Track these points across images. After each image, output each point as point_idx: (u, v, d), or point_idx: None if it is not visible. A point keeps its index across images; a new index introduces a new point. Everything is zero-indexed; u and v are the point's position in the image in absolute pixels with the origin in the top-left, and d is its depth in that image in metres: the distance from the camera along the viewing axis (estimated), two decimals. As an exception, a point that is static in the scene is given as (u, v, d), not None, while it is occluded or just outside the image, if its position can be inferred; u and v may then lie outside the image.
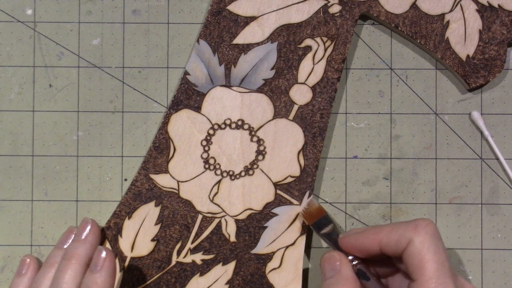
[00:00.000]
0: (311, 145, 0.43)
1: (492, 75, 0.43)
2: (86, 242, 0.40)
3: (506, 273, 0.44)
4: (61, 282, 0.38)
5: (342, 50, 0.43)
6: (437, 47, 0.43)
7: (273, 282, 0.42)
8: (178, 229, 0.43)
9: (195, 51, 0.43)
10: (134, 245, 0.43)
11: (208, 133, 0.43)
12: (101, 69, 0.45)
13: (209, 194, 0.43)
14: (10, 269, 0.44)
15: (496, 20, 0.43)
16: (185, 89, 0.43)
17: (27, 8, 0.45)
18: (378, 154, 0.44)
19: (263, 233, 0.43)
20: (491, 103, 0.44)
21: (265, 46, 0.43)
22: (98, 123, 0.44)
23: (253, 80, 0.43)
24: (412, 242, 0.35)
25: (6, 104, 0.44)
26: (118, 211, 0.43)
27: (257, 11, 0.43)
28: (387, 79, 0.45)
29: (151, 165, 0.43)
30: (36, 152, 0.44)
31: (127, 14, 0.45)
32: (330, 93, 0.43)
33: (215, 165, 0.43)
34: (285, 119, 0.43)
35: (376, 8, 0.43)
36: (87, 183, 0.44)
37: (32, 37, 0.45)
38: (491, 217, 0.44)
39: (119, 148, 0.44)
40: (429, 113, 0.44)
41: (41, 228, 0.44)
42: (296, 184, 0.43)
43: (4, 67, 0.44)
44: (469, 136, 0.44)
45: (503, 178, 0.44)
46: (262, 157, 0.43)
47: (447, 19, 0.43)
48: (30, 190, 0.44)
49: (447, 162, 0.44)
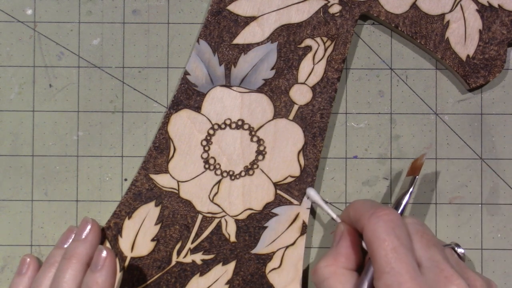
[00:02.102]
0: (311, 145, 0.43)
1: (492, 75, 0.43)
2: (87, 242, 0.40)
3: (506, 273, 0.44)
4: (62, 282, 0.38)
5: (342, 50, 0.43)
6: (437, 47, 0.43)
7: (273, 282, 0.42)
8: (178, 229, 0.43)
9: (195, 51, 0.43)
10: (134, 245, 0.43)
11: (208, 133, 0.43)
12: (101, 69, 0.45)
13: (209, 194, 0.43)
14: (10, 269, 0.44)
15: (496, 20, 0.43)
16: (185, 89, 0.43)
17: (27, 8, 0.45)
18: (378, 154, 0.44)
19: (263, 233, 0.43)
20: (491, 103, 0.44)
21: (265, 46, 0.43)
22: (98, 123, 0.44)
23: (253, 80, 0.43)
24: (365, 229, 0.35)
25: (6, 104, 0.44)
26: (118, 211, 0.43)
27: (257, 11, 0.43)
28: (387, 79, 0.45)
29: (151, 165, 0.43)
30: (36, 152, 0.44)
31: (127, 14, 0.45)
32: (330, 93, 0.43)
33: (215, 165, 0.43)
34: (285, 119, 0.43)
35: (376, 8, 0.43)
36: (87, 183, 0.44)
37: (32, 37, 0.45)
38: (491, 217, 0.44)
39: (119, 148, 0.44)
40: (429, 113, 0.44)
41: (41, 228, 0.44)
42: (296, 184, 0.43)
43: (4, 67, 0.44)
44: (469, 136, 0.44)
45: (503, 178, 0.44)
46: (262, 157, 0.43)
47: (447, 19, 0.43)
48: (30, 190, 0.44)
49: (447, 162, 0.44)
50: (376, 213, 0.35)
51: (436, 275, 0.34)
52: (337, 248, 0.37)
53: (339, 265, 0.36)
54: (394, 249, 0.33)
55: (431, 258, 0.35)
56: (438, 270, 0.34)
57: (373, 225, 0.34)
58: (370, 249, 0.34)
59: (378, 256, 0.34)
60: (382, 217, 0.35)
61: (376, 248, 0.34)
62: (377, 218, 0.35)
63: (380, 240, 0.34)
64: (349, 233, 0.38)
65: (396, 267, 0.33)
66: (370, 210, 0.35)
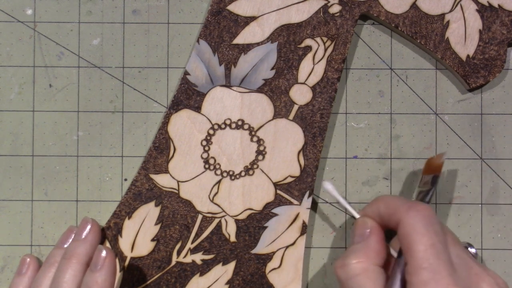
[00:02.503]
0: (311, 145, 0.43)
1: (492, 75, 0.43)
2: (86, 242, 0.40)
3: (506, 273, 0.44)
4: (62, 282, 0.38)
5: (342, 50, 0.43)
6: (437, 47, 0.43)
7: (273, 282, 0.42)
8: (178, 229, 0.43)
9: (195, 51, 0.43)
10: (134, 245, 0.43)
11: (208, 133, 0.43)
12: (101, 69, 0.45)
13: (209, 194, 0.43)
14: (10, 269, 0.44)
15: (496, 20, 0.43)
16: (185, 89, 0.43)
17: (27, 8, 0.45)
18: (378, 154, 0.44)
19: (263, 233, 0.43)
20: (491, 103, 0.44)
21: (265, 46, 0.43)
22: (98, 123, 0.44)
23: (253, 80, 0.43)
24: (402, 223, 0.34)
25: (6, 104, 0.44)
26: (118, 211, 0.43)
27: (257, 11, 0.43)
28: (387, 79, 0.45)
29: (151, 165, 0.43)
30: (36, 152, 0.44)
31: (127, 14, 0.45)
32: (330, 93, 0.43)
33: (215, 165, 0.43)
34: (285, 119, 0.43)
35: (376, 8, 0.43)
36: (87, 183, 0.44)
37: (32, 37, 0.45)
38: (491, 217, 0.44)
39: (119, 148, 0.44)
40: (429, 113, 0.44)
41: (41, 228, 0.44)
42: (296, 184, 0.43)
43: (4, 67, 0.44)
44: (469, 136, 0.44)
45: (503, 178, 0.44)
46: (262, 157, 0.43)
47: (447, 19, 0.43)
48: (30, 190, 0.44)
49: (447, 162, 0.44)
50: (414, 207, 0.34)
51: (466, 272, 0.34)
52: (367, 243, 0.36)
53: (370, 262, 0.35)
54: (433, 245, 0.33)
55: (459, 255, 0.35)
56: (468, 268, 0.34)
57: (412, 218, 0.34)
58: (406, 243, 0.34)
59: (415, 251, 0.33)
60: (421, 212, 0.34)
61: (415, 243, 0.33)
62: (416, 212, 0.34)
63: (419, 235, 0.33)
64: (377, 229, 0.37)
65: (434, 263, 0.33)
66: (406, 204, 0.35)
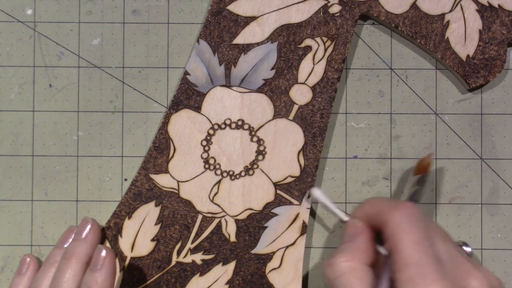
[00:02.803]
0: (311, 145, 0.43)
1: (492, 75, 0.43)
2: (86, 241, 0.40)
3: (506, 273, 0.44)
4: (61, 281, 0.38)
5: (342, 50, 0.43)
6: (437, 47, 0.43)
7: (273, 282, 0.42)
8: (178, 229, 0.43)
9: (195, 51, 0.43)
10: (134, 245, 0.43)
11: (208, 133, 0.43)
12: (101, 69, 0.45)
13: (209, 194, 0.43)
14: (10, 269, 0.44)
15: (496, 20, 0.43)
16: (185, 89, 0.43)
17: (27, 8, 0.45)
18: (378, 154, 0.44)
19: (263, 233, 0.43)
20: (491, 103, 0.44)
21: (265, 46, 0.43)
22: (98, 123, 0.44)
23: (253, 80, 0.43)
24: (388, 223, 0.35)
25: (6, 104, 0.44)
26: (118, 211, 0.43)
27: (257, 11, 0.43)
28: (387, 79, 0.45)
29: (151, 165, 0.43)
30: (36, 152, 0.44)
31: (127, 14, 0.45)
32: (330, 93, 0.43)
33: (215, 165, 0.43)
34: (285, 119, 0.43)
35: (376, 8, 0.43)
36: (87, 183, 0.44)
37: (32, 37, 0.45)
38: (491, 217, 0.44)
39: (119, 148, 0.44)
40: (429, 113, 0.44)
41: (41, 228, 0.44)
42: (296, 184, 0.43)
43: (4, 67, 0.44)
44: (469, 136, 0.44)
45: (503, 178, 0.44)
46: (262, 157, 0.43)
47: (447, 19, 0.43)
48: (30, 190, 0.44)
49: (447, 162, 0.44)
50: (399, 207, 0.35)
51: (455, 268, 0.34)
52: (355, 243, 0.37)
53: (357, 260, 0.36)
54: (418, 241, 0.34)
55: (448, 251, 0.35)
56: (457, 264, 0.35)
57: (397, 217, 0.35)
58: (392, 241, 0.34)
59: (401, 249, 0.34)
60: (405, 210, 0.35)
61: (400, 241, 0.34)
62: (401, 211, 0.35)
63: (404, 233, 0.34)
64: (365, 229, 0.38)
65: (420, 259, 0.33)
66: (391, 204, 0.36)
